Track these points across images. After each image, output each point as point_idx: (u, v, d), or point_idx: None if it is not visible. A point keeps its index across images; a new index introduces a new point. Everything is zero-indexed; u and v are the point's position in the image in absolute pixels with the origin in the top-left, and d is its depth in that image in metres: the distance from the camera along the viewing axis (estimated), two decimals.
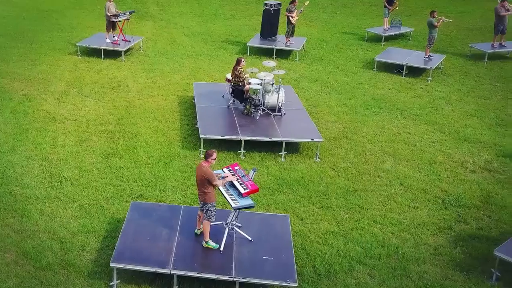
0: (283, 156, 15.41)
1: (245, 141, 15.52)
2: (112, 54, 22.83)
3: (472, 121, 18.32)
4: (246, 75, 17.22)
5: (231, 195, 10.63)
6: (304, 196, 13.82)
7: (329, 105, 19.10)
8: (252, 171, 11.17)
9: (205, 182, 10.36)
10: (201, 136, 15.42)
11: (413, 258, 11.81)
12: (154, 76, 21.10)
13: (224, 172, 11.16)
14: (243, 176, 10.90)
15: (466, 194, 14.16)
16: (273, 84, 16.83)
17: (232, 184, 10.89)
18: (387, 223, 12.93)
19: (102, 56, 22.60)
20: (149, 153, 15.36)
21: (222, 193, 10.80)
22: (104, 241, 11.70)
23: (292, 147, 15.91)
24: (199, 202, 10.77)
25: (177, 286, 10.39)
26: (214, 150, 10.61)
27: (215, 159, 10.49)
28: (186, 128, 16.95)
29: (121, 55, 22.61)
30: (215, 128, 15.92)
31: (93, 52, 22.95)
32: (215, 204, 10.58)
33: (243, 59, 16.84)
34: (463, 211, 13.48)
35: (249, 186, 10.61)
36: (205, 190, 10.41)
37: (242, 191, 10.57)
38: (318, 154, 15.56)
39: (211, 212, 10.56)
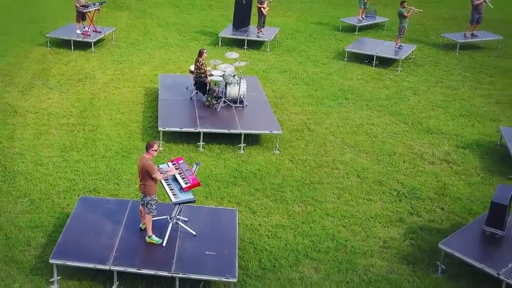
0: (242, 148, 15.37)
1: (205, 133, 15.44)
2: (82, 46, 22.67)
3: (437, 112, 18.29)
4: (209, 67, 17.12)
5: (172, 189, 10.59)
6: (259, 189, 13.78)
7: (295, 96, 19.04)
8: (195, 165, 11.14)
9: (145, 175, 10.33)
10: (159, 128, 15.39)
11: (361, 251, 11.80)
12: (123, 68, 20.98)
13: (168, 166, 11.10)
14: (186, 170, 10.86)
15: (422, 186, 14.15)
16: (234, 75, 16.73)
17: (175, 178, 10.84)
18: (339, 216, 12.91)
19: (72, 48, 22.44)
20: (107, 146, 15.29)
21: (163, 187, 10.75)
22: (51, 236, 11.65)
23: (253, 139, 15.85)
24: (140, 195, 10.71)
25: (118, 282, 10.35)
26: (155, 142, 10.59)
27: (156, 150, 10.44)
28: (149, 120, 16.87)
29: (91, 46, 22.42)
30: (174, 121, 15.86)
31: (63, 44, 22.80)
32: (155, 198, 10.53)
33: (205, 51, 16.77)
34: (416, 203, 13.47)
35: (190, 181, 10.56)
36: (146, 183, 10.38)
37: (183, 185, 10.52)
38: (277, 146, 15.51)
39: (152, 206, 10.52)
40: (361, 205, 13.35)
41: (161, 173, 10.79)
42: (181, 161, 11.15)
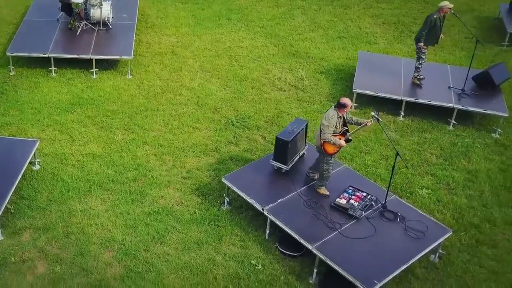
0: (94, 73, 15.27)
1: (59, 58, 15.34)
2: None
3: (315, 33, 17.87)
4: None
5: None
6: (90, 116, 13.79)
7: (178, 16, 18.65)
8: None
9: None
10: (7, 53, 15.25)
11: (159, 182, 11.88)
12: None
13: None
14: None
15: (257, 114, 14.05)
16: None
17: None
18: (156, 144, 12.93)
19: None
20: None
21: None
22: None
23: (109, 64, 15.73)
24: None
25: None
26: None
27: None
28: None
29: None
30: (27, 45, 15.67)
31: None
32: None
33: None
34: (241, 132, 13.42)
35: None
36: None
37: None
38: (130, 71, 15.39)
39: None
40: (184, 133, 13.33)
41: None
42: None
